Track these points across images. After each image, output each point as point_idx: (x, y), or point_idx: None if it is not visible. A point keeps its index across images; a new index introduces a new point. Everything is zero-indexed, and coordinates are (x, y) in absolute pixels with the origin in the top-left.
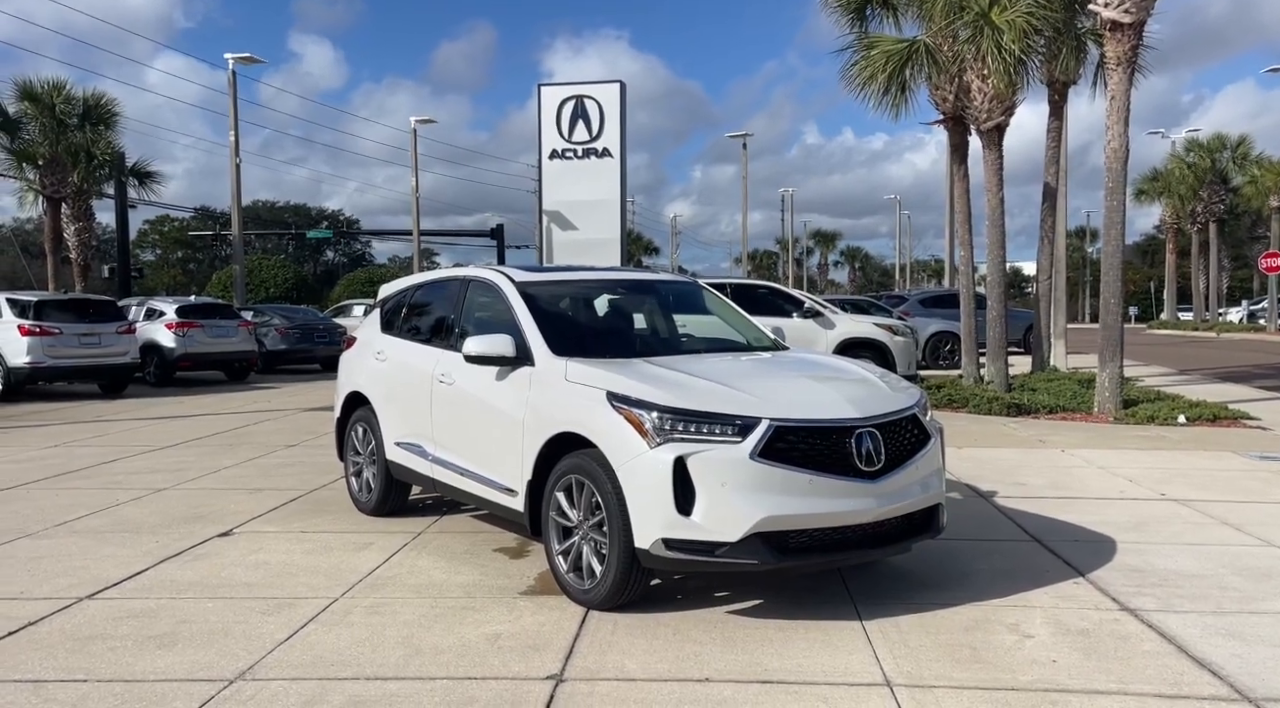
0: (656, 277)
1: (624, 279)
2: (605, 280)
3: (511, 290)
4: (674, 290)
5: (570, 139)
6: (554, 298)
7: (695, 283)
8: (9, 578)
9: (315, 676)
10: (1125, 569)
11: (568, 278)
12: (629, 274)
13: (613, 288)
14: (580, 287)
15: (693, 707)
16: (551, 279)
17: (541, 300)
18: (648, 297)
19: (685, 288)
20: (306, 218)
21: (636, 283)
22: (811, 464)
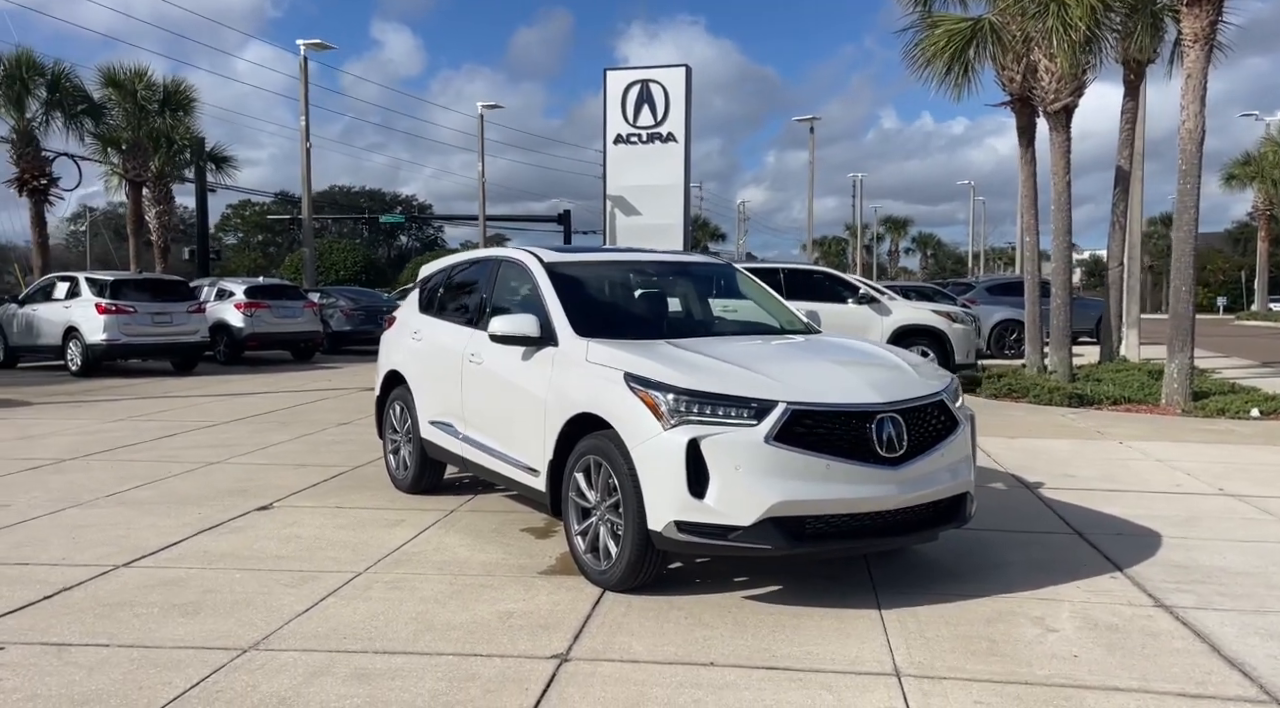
0: (688, 258)
1: (654, 261)
2: (634, 262)
3: (539, 271)
4: (706, 273)
5: (635, 124)
6: (581, 279)
7: (729, 265)
8: (53, 545)
9: (326, 648)
10: (1167, 565)
11: (597, 259)
12: (660, 256)
13: (642, 269)
14: (609, 268)
15: (694, 690)
16: (580, 260)
17: (569, 281)
18: (678, 278)
19: (718, 270)
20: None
21: (667, 264)
22: (829, 449)
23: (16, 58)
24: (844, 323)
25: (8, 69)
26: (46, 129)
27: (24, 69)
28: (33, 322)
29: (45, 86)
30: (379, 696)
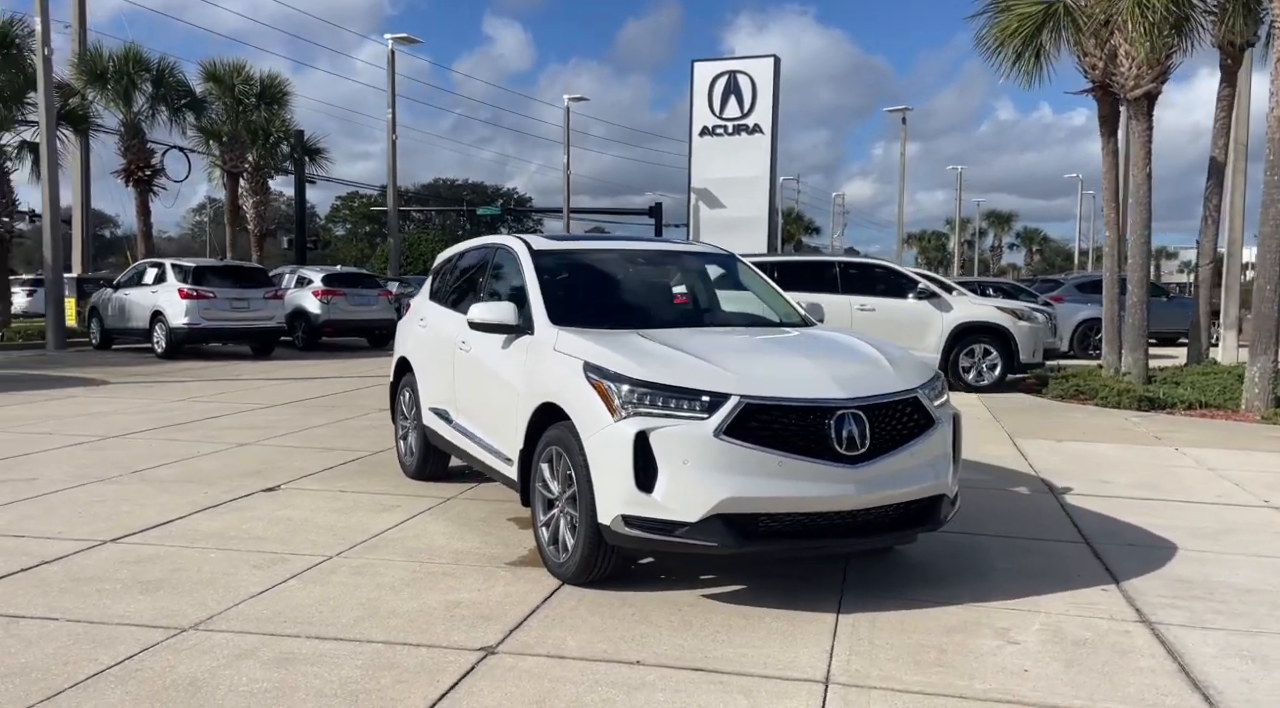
0: (686, 248)
1: (647, 250)
2: (626, 251)
3: (526, 258)
4: (703, 263)
5: (721, 115)
6: (568, 267)
7: (729, 256)
8: (58, 518)
9: (263, 630)
10: (1171, 579)
11: (588, 247)
12: (656, 245)
13: (633, 258)
14: (599, 256)
15: (607, 690)
16: (570, 248)
17: (554, 269)
18: (671, 268)
19: (717, 261)
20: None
21: (661, 254)
22: (783, 445)
23: (125, 54)
24: (900, 318)
25: (117, 65)
26: (152, 122)
27: (131, 65)
28: (124, 306)
29: (151, 81)
30: (289, 682)
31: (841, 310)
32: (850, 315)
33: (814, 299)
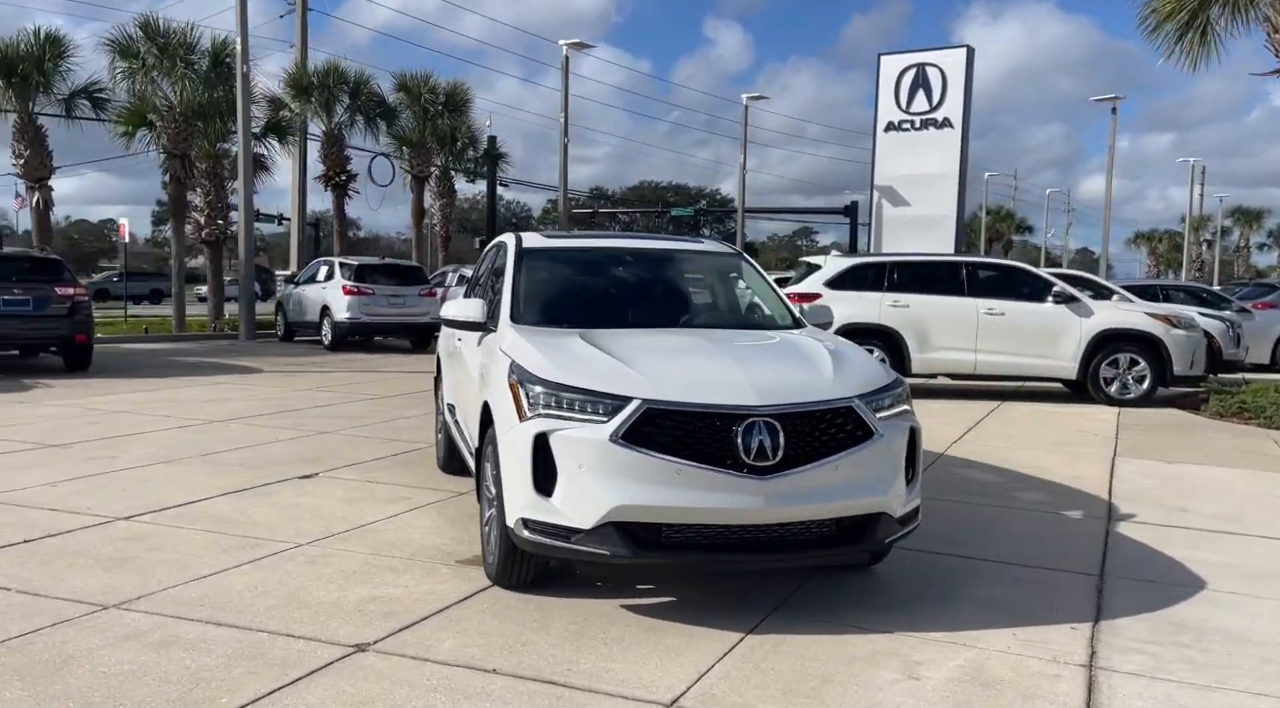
0: (685, 247)
1: (642, 249)
2: (619, 249)
3: (510, 255)
4: (702, 262)
5: (908, 110)
6: (551, 265)
7: (732, 255)
8: (99, 495)
9: (174, 613)
10: (1165, 621)
11: (578, 245)
12: (655, 244)
13: (623, 257)
14: (587, 255)
15: (435, 696)
16: (560, 245)
17: (535, 266)
18: (660, 267)
19: (717, 260)
20: (685, 197)
21: (656, 253)
22: (685, 452)
23: (326, 69)
24: (1031, 324)
25: (319, 79)
26: (350, 131)
27: (331, 79)
28: (301, 301)
29: (348, 93)
30: (149, 666)
31: (966, 314)
32: (976, 320)
33: (935, 302)
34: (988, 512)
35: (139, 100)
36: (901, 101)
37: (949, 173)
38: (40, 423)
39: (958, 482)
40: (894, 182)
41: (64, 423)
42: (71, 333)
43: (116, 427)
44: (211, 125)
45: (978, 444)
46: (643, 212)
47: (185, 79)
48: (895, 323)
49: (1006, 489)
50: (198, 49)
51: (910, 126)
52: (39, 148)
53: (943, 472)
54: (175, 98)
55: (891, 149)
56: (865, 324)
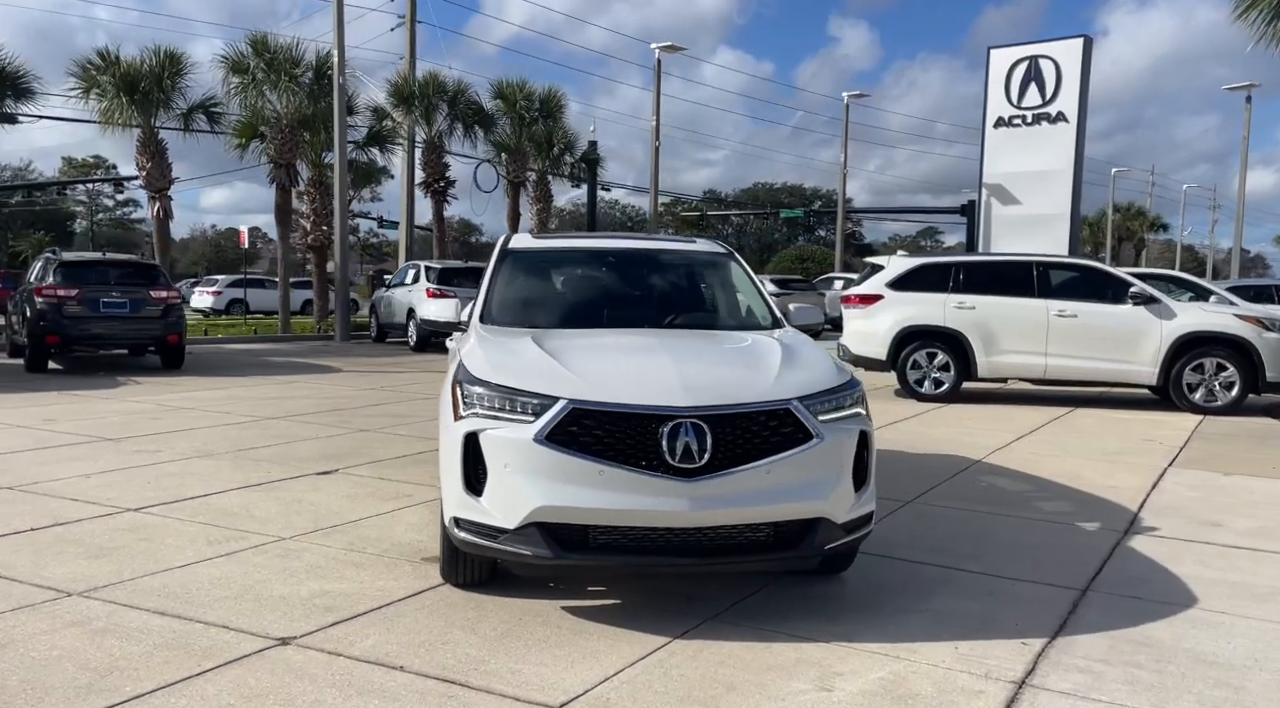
0: (668, 246)
1: (622, 249)
2: (599, 249)
3: (497, 253)
4: (682, 262)
5: (1019, 105)
6: (530, 265)
7: (720, 255)
8: (124, 487)
9: (128, 601)
10: (1131, 640)
11: (560, 245)
12: (641, 244)
13: (603, 257)
14: (568, 254)
15: (331, 691)
16: (543, 246)
17: (514, 267)
18: (640, 267)
19: (703, 261)
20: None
21: (636, 253)
22: (610, 454)
23: (426, 79)
24: (1106, 326)
25: (420, 89)
26: (450, 138)
27: (431, 88)
28: (390, 303)
29: (447, 102)
30: (73, 652)
31: (1035, 316)
32: (1046, 322)
33: (1003, 303)
34: (994, 521)
35: (252, 113)
36: (1012, 96)
37: (1063, 169)
38: (109, 418)
39: (979, 490)
40: (1003, 179)
41: (130, 418)
42: (164, 333)
43: (175, 423)
44: (316, 136)
45: (1022, 452)
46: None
47: (289, 92)
48: (960, 325)
49: (1028, 499)
50: (302, 63)
51: (1021, 122)
52: (160, 160)
53: (969, 480)
54: (281, 110)
55: (1001, 146)
56: (928, 326)
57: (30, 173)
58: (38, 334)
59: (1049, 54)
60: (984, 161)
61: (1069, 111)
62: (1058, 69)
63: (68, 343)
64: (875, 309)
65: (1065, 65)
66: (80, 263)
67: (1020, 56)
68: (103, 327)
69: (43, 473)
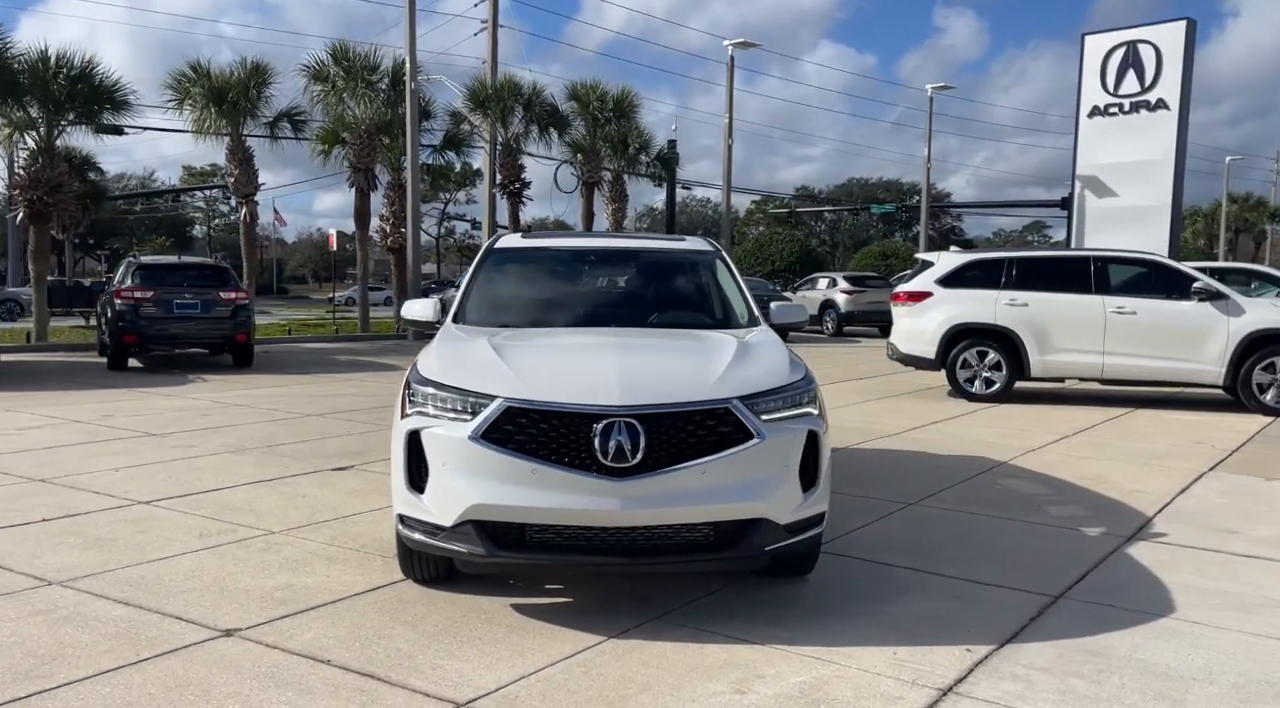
0: (654, 246)
1: (606, 247)
2: (584, 248)
3: (480, 254)
4: (667, 261)
5: (1116, 92)
6: (511, 265)
7: (705, 254)
8: (146, 481)
9: (99, 591)
10: (1080, 649)
11: (545, 244)
12: (621, 242)
13: (586, 256)
14: (551, 254)
15: (255, 682)
16: (527, 245)
17: (497, 266)
18: (622, 267)
19: (683, 259)
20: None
21: (620, 252)
22: (542, 452)
23: (502, 82)
24: (1167, 323)
25: (496, 91)
26: (525, 140)
27: (506, 91)
28: None
29: (522, 105)
30: (31, 638)
31: (1091, 313)
32: (1103, 319)
33: (1057, 300)
34: (990, 525)
35: (336, 120)
36: (1108, 84)
37: (1163, 159)
38: (163, 414)
39: (990, 493)
40: (1099, 171)
41: (182, 414)
42: (233, 333)
43: (221, 419)
44: (394, 141)
45: (1054, 454)
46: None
47: (366, 98)
48: (1012, 323)
49: (1039, 502)
50: (379, 70)
51: (1118, 110)
52: (247, 167)
53: (985, 482)
54: (359, 116)
55: (1096, 136)
56: (978, 324)
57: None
58: (117, 334)
59: (1149, 39)
60: (1078, 153)
61: (1170, 98)
62: (1158, 54)
63: (144, 342)
64: (924, 307)
65: (1166, 50)
66: (156, 266)
67: (1117, 42)
68: (176, 327)
69: (79, 466)
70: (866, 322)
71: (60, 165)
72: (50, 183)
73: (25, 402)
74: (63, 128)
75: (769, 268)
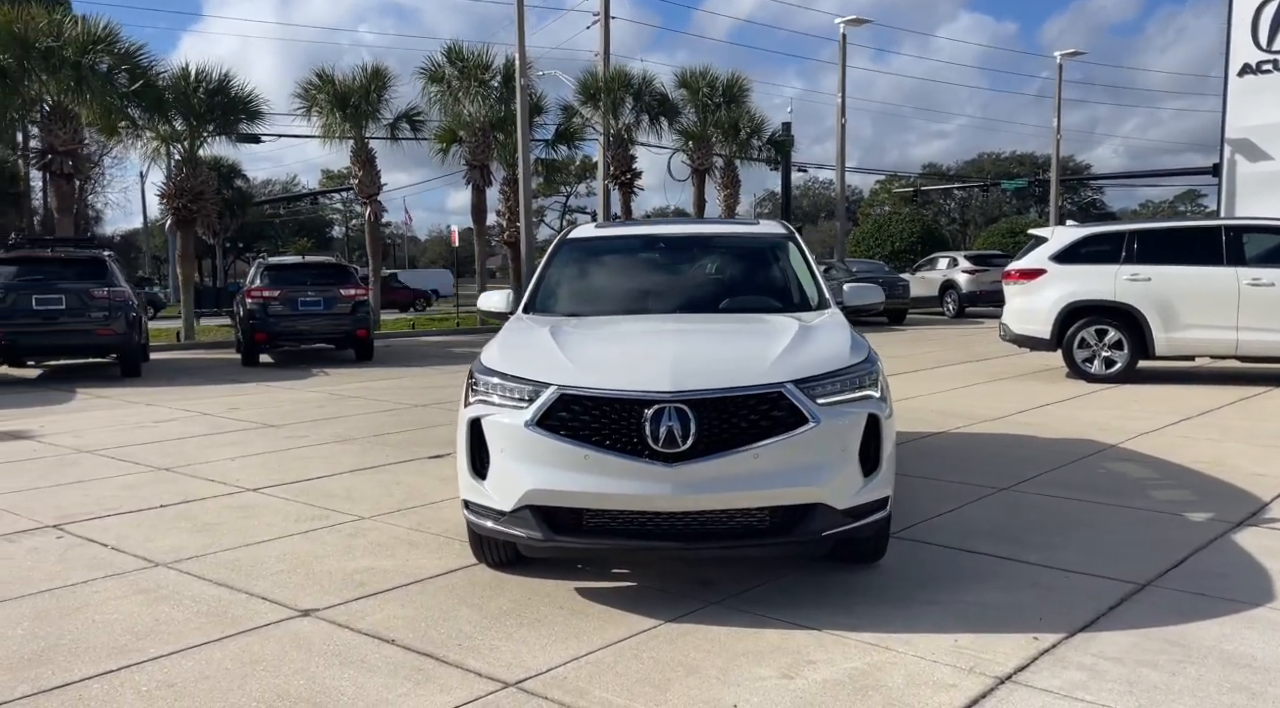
0: (724, 230)
1: (675, 234)
2: (653, 235)
3: (556, 243)
4: (736, 245)
5: (1269, 48)
6: (582, 254)
7: (775, 235)
8: (258, 470)
9: (199, 572)
10: (1159, 638)
11: (615, 233)
12: (691, 228)
13: (654, 243)
14: (621, 241)
15: (321, 659)
16: (598, 235)
17: (566, 256)
18: (689, 252)
19: (753, 243)
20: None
21: (689, 238)
22: (595, 438)
23: (613, 74)
24: None
25: (606, 84)
26: (636, 130)
27: (616, 83)
28: None
29: (632, 95)
30: (131, 614)
31: (1223, 287)
32: (1236, 292)
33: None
34: (1087, 510)
35: (454, 119)
36: (1260, 39)
37: None
38: (283, 406)
39: (1092, 477)
40: (1250, 133)
41: (300, 406)
42: (353, 328)
43: (336, 410)
44: (509, 137)
45: (1171, 437)
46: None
47: (479, 97)
48: (1133, 299)
49: (1144, 487)
50: (491, 68)
51: (1272, 67)
52: (370, 168)
53: (1090, 466)
54: (474, 113)
55: (1247, 95)
56: (1097, 301)
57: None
58: (248, 331)
59: None
60: (1227, 114)
61: None
62: None
63: (272, 339)
64: (1037, 284)
65: None
66: (282, 266)
67: None
68: (302, 323)
69: (200, 456)
70: (990, 302)
71: (202, 173)
72: (193, 191)
73: (165, 396)
74: (204, 138)
75: (889, 248)
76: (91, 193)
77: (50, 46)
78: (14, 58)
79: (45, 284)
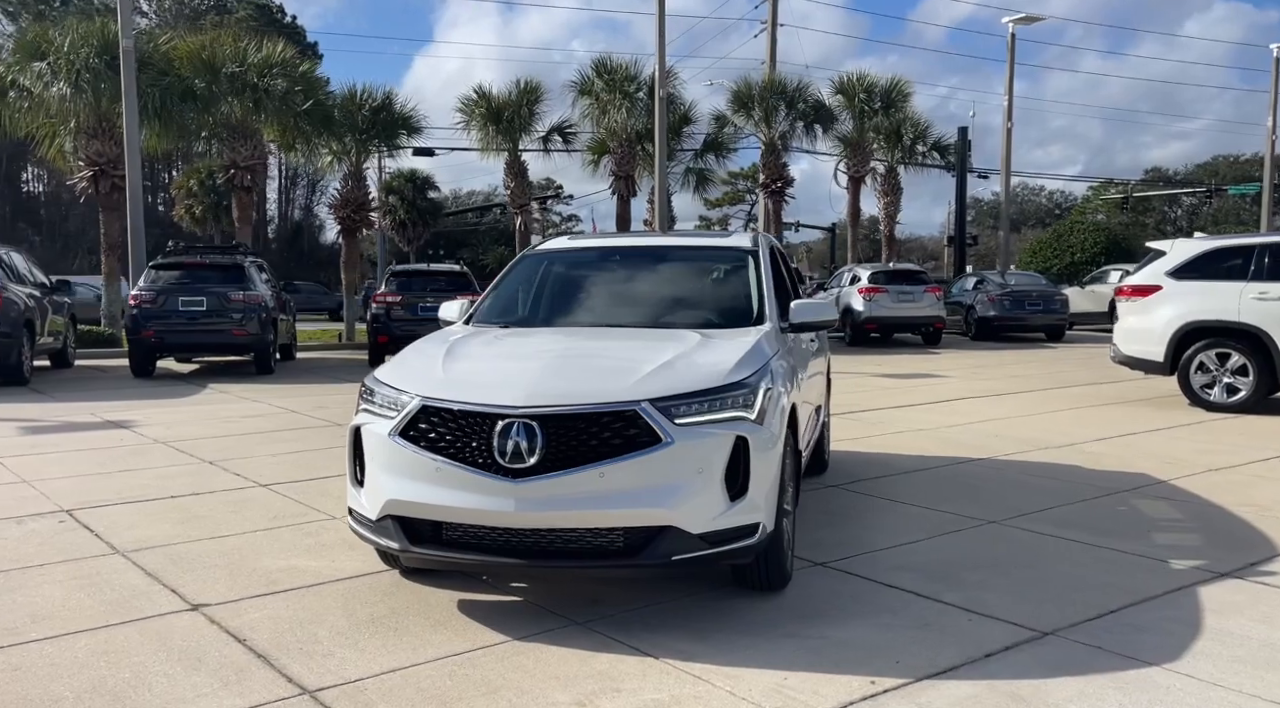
0: (683, 243)
1: (632, 246)
2: (607, 248)
3: (517, 256)
4: (692, 259)
5: None
6: (537, 266)
7: (729, 251)
8: (287, 467)
9: (148, 563)
10: (1006, 693)
11: (576, 245)
12: (648, 241)
13: (610, 255)
14: (578, 254)
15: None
16: (562, 247)
17: (528, 267)
18: (639, 266)
19: (710, 256)
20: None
21: (644, 250)
22: (449, 451)
23: (767, 83)
24: None
25: (759, 93)
26: (790, 138)
27: (770, 91)
28: None
29: (785, 103)
30: (51, 598)
31: None
32: None
33: None
34: (1059, 549)
35: (605, 130)
36: None
37: None
38: None
39: (1103, 515)
40: None
41: None
42: None
43: None
44: None
45: (1238, 476)
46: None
47: (625, 108)
48: (1261, 320)
49: (1153, 528)
50: (637, 80)
51: None
52: (522, 180)
53: (1108, 503)
54: (620, 124)
55: None
56: (1218, 322)
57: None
58: (372, 334)
59: None
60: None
61: None
62: None
63: (393, 342)
64: (1151, 302)
65: None
66: (407, 273)
67: None
68: (421, 329)
69: (248, 451)
70: None
71: (365, 185)
72: (357, 202)
73: (273, 393)
74: (369, 152)
75: (1067, 260)
76: (318, 205)
77: (234, 71)
78: (205, 82)
79: (191, 288)
